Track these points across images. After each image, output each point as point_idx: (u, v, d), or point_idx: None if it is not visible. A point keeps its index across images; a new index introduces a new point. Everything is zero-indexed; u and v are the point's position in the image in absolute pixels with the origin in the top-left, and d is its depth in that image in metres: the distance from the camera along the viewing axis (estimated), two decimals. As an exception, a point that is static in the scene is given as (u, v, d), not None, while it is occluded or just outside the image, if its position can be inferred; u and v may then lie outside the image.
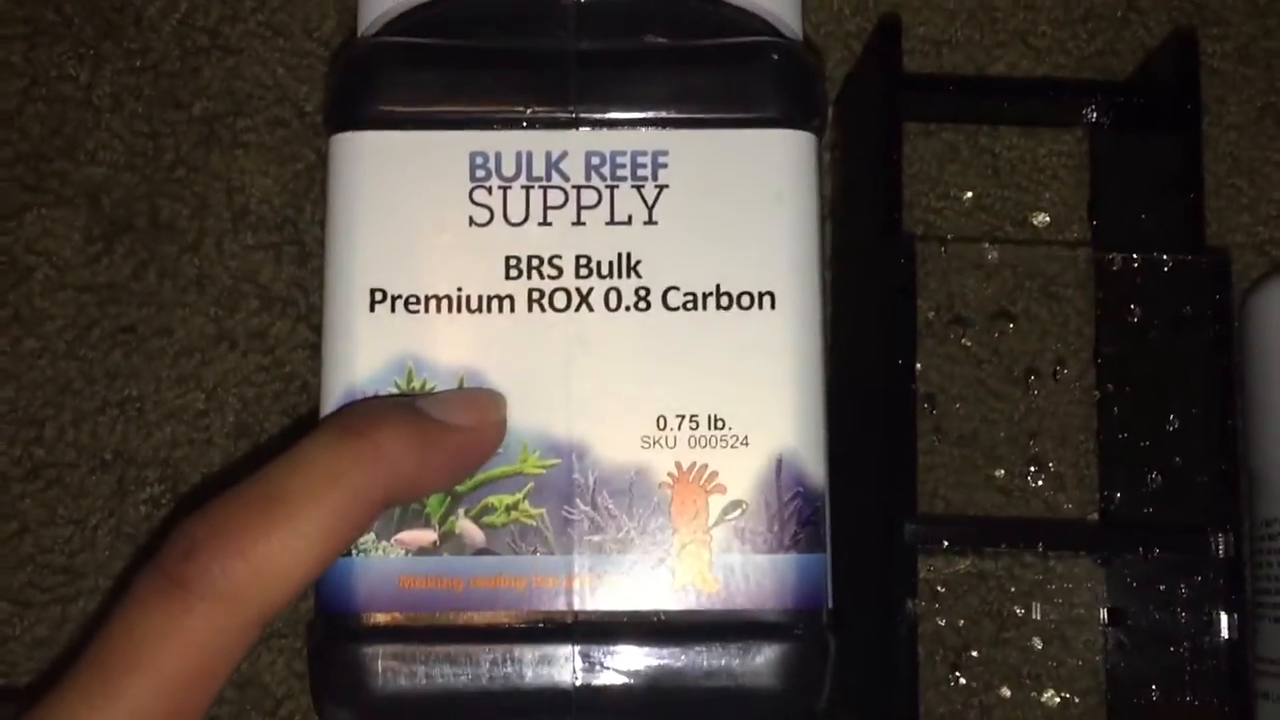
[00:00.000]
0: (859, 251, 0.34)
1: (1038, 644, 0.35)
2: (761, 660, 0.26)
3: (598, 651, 0.26)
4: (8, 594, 0.35)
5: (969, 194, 0.37)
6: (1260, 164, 0.38)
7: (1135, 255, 0.31)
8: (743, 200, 0.27)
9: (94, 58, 0.37)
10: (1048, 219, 0.37)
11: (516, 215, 0.27)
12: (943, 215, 0.37)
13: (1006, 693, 0.35)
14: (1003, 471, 0.36)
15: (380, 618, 0.26)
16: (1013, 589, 0.35)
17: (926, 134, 0.37)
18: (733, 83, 0.28)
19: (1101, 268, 0.35)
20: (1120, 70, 0.38)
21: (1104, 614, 0.35)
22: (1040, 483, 0.35)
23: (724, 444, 0.26)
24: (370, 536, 0.26)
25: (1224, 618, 0.29)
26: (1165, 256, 0.31)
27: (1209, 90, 0.37)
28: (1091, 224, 0.37)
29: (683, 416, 0.27)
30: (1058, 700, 0.34)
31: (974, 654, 0.35)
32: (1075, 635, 0.35)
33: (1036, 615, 0.35)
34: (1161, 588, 0.31)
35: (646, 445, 0.26)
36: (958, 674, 0.35)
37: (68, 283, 0.36)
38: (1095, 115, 0.36)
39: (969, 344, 0.36)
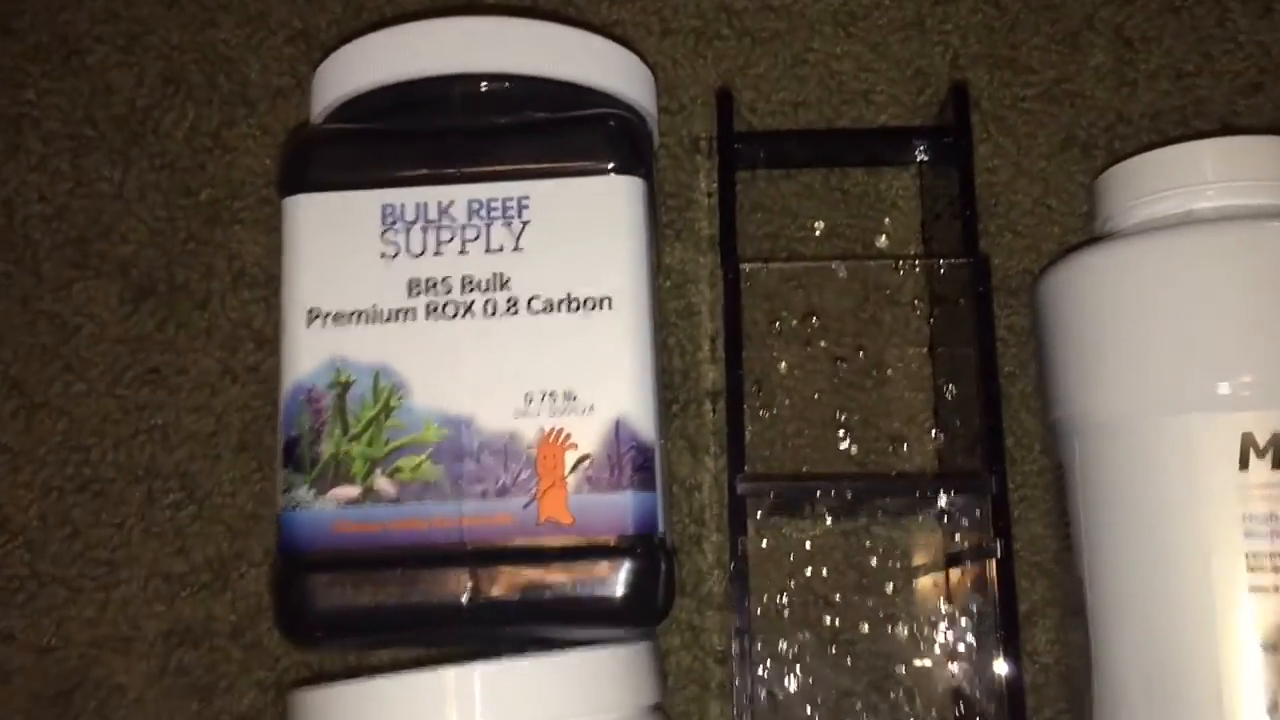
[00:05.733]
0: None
1: (889, 588, 0.42)
2: (609, 574, 0.34)
3: (483, 573, 0.34)
4: (64, 582, 0.44)
5: (820, 223, 0.45)
6: (1065, 182, 0.45)
7: (916, 261, 0.39)
8: (587, 230, 0.36)
9: (124, 161, 0.47)
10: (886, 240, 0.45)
11: (416, 249, 0.36)
12: (802, 243, 0.45)
13: (865, 629, 0.42)
14: (853, 445, 0.43)
15: (320, 555, 0.34)
16: (867, 544, 0.42)
17: (786, 178, 0.46)
18: (578, 143, 0.37)
19: (930, 273, 0.43)
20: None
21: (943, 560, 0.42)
22: (889, 449, 0.43)
23: (575, 412, 0.35)
24: (311, 492, 0.35)
25: (998, 543, 0.36)
26: (940, 261, 0.38)
27: (1019, 126, 0.46)
28: (924, 241, 0.45)
29: (544, 393, 0.35)
30: (906, 633, 0.41)
31: (838, 598, 0.42)
32: (919, 578, 0.42)
33: (889, 565, 0.42)
34: (964, 522, 0.39)
35: (517, 416, 0.35)
36: (826, 617, 0.42)
37: (106, 336, 0.45)
38: (921, 155, 0.44)
39: (824, 343, 0.44)
